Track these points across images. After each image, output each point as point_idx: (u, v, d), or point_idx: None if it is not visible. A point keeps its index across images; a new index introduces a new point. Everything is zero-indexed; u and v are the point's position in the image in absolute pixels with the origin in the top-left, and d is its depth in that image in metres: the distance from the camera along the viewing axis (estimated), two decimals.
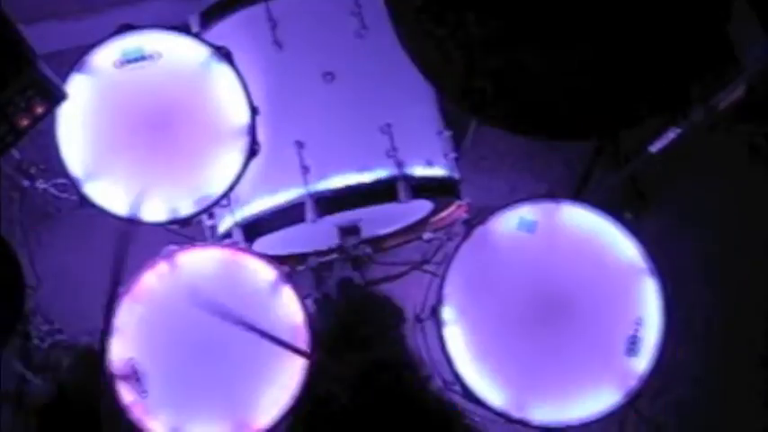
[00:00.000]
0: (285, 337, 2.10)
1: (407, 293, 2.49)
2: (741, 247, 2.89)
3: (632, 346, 2.12)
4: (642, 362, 2.12)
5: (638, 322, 2.14)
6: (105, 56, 2.17)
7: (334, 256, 2.62)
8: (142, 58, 2.16)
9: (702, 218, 2.93)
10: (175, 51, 2.19)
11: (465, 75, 1.98)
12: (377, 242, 2.70)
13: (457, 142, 2.52)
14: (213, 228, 2.47)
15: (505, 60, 1.95)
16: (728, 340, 2.83)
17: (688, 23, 1.91)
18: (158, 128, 2.16)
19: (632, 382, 2.11)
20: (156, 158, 2.16)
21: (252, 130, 2.17)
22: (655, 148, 2.32)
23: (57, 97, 1.91)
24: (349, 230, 2.47)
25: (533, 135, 2.07)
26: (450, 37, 1.96)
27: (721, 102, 2.17)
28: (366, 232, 2.51)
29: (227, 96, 2.18)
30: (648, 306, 2.15)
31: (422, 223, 2.69)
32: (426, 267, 2.73)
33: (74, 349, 2.49)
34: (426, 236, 2.70)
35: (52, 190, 2.51)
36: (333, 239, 2.50)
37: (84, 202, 2.13)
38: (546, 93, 1.96)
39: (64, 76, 2.12)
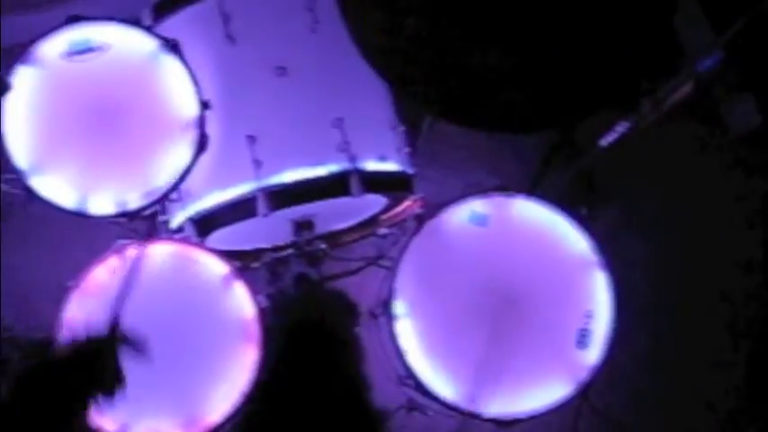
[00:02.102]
0: (235, 332, 2.09)
1: (363, 289, 2.48)
2: (690, 239, 2.94)
3: (583, 338, 2.14)
4: (592, 354, 2.14)
5: (589, 315, 2.15)
6: (52, 47, 2.14)
7: (290, 251, 2.61)
8: (90, 49, 2.14)
9: (652, 211, 2.96)
10: (123, 43, 2.17)
11: (416, 70, 1.99)
12: (332, 238, 2.70)
13: (411, 137, 2.52)
14: (166, 222, 2.45)
15: (457, 57, 1.96)
16: (679, 331, 2.87)
17: (637, 17, 1.93)
18: (106, 120, 2.14)
19: (583, 374, 2.12)
20: (104, 151, 2.14)
21: (200, 123, 2.16)
22: (605, 141, 2.34)
23: (1, 89, 1.89)
24: (303, 226, 2.46)
25: (486, 130, 2.08)
26: (402, 34, 1.97)
27: (669, 96, 2.19)
28: (321, 228, 2.50)
29: (176, 89, 2.17)
30: (599, 299, 2.17)
31: (377, 218, 2.69)
32: (382, 263, 2.73)
33: (24, 344, 2.46)
34: (382, 231, 2.70)
35: (2, 186, 2.47)
36: (287, 235, 2.49)
37: (31, 195, 2.11)
38: (498, 88, 1.98)
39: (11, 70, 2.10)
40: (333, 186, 2.26)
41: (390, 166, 2.38)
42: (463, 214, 2.20)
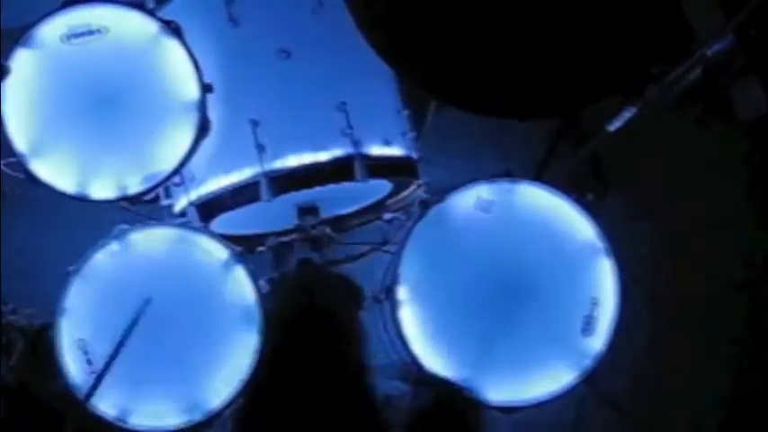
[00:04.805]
0: (237, 317, 2.08)
1: (368, 274, 2.47)
2: (696, 226, 2.92)
3: (588, 325, 2.12)
4: (597, 341, 2.12)
5: (594, 302, 2.13)
6: (52, 30, 2.12)
7: (294, 236, 2.60)
8: (89, 32, 2.12)
9: (659, 197, 2.94)
10: (123, 26, 2.14)
11: (420, 55, 1.97)
12: (337, 222, 2.68)
13: (417, 122, 2.49)
14: (170, 207, 2.44)
15: (462, 41, 1.94)
16: (685, 318, 2.86)
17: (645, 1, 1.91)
18: (107, 104, 2.12)
19: (587, 362, 2.11)
20: (105, 134, 2.12)
21: (202, 107, 2.14)
22: (612, 127, 2.32)
23: None
24: (307, 210, 2.44)
25: (492, 115, 2.06)
26: (405, 18, 1.95)
27: (678, 81, 2.17)
28: (325, 212, 2.48)
29: (177, 72, 2.15)
30: (604, 286, 2.14)
31: (382, 203, 2.67)
32: (387, 248, 2.71)
33: (27, 330, 2.45)
34: (387, 216, 2.68)
35: (5, 169, 2.45)
36: (292, 220, 2.47)
37: (31, 179, 2.10)
38: (504, 73, 1.96)
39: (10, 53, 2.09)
40: (337, 171, 2.24)
41: (395, 151, 2.36)
42: (468, 200, 2.18)
